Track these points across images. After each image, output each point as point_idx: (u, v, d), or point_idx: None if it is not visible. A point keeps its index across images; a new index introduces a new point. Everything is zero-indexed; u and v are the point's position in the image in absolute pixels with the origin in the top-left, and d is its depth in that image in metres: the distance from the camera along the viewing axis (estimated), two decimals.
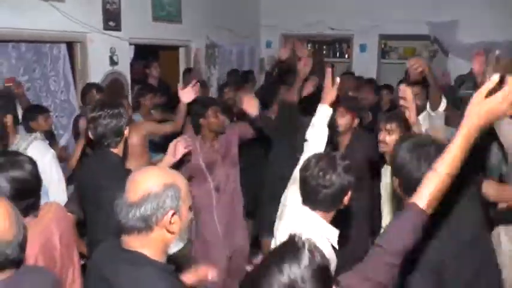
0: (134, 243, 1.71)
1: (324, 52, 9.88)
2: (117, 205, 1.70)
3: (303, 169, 2.40)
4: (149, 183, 1.69)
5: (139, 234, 1.69)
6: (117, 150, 2.93)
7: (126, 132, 2.93)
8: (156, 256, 1.72)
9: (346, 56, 9.69)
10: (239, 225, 4.42)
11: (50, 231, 2.34)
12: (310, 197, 2.37)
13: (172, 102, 5.49)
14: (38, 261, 2.20)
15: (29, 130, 4.22)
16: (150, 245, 1.71)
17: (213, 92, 7.59)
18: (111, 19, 5.91)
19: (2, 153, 2.41)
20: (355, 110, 4.03)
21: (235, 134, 4.36)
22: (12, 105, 3.54)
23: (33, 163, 2.30)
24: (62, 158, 4.53)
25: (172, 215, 1.69)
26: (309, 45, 9.49)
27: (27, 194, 2.22)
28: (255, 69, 9.03)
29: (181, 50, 7.71)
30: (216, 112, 4.15)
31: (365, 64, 8.90)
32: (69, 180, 3.96)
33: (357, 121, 4.05)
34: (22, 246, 1.73)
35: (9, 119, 3.39)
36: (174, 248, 4.17)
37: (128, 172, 2.07)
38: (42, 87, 5.57)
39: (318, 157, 2.39)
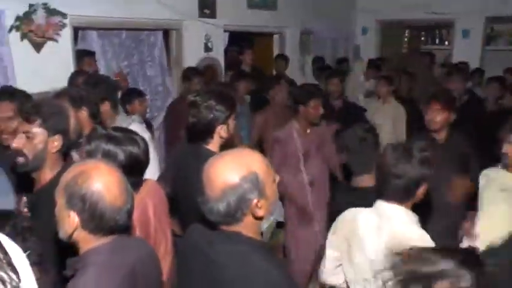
0: (227, 228, 1.68)
1: (422, 39, 9.32)
2: (201, 202, 1.66)
3: (380, 156, 2.34)
4: (225, 178, 1.61)
5: (229, 226, 1.66)
6: (212, 146, 2.80)
7: (220, 130, 2.77)
8: (249, 235, 1.69)
9: (446, 42, 9.07)
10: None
11: (145, 205, 2.38)
12: (381, 186, 2.28)
13: (264, 88, 5.39)
14: (134, 234, 2.23)
15: (128, 112, 4.32)
16: (242, 229, 1.67)
17: (307, 81, 7.35)
18: (207, 7, 5.87)
19: (120, 129, 2.45)
20: (451, 106, 3.66)
21: (330, 134, 4.15)
22: (111, 90, 3.59)
23: (145, 143, 2.35)
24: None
25: (257, 202, 1.62)
26: (406, 31, 9.00)
27: (136, 171, 2.28)
28: (349, 56, 8.70)
29: (276, 37, 7.57)
30: (318, 104, 3.98)
31: (467, 51, 8.16)
32: None
33: (453, 116, 3.66)
34: (130, 213, 1.75)
35: (106, 105, 3.43)
36: (265, 224, 4.05)
37: None
38: (139, 72, 5.69)
39: (395, 146, 2.28)
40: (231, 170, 1.62)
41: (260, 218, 1.67)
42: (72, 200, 1.64)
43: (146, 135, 3.59)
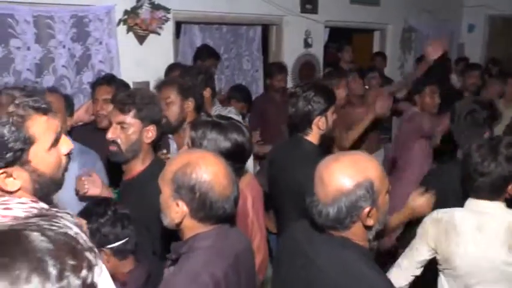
0: (334, 232, 1.60)
1: None
2: (309, 203, 1.60)
3: (465, 154, 2.29)
4: (339, 182, 1.52)
5: (335, 231, 1.58)
6: (312, 138, 2.70)
7: (318, 121, 2.65)
8: (357, 242, 1.60)
9: None
10: None
11: (244, 197, 2.30)
12: (468, 184, 2.22)
13: (331, 81, 5.09)
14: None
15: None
16: (349, 235, 1.58)
17: None
18: (309, 2, 5.64)
19: (224, 117, 2.36)
20: None
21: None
22: (211, 79, 3.55)
23: (249, 131, 2.28)
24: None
25: (369, 211, 1.53)
26: None
27: (240, 159, 2.21)
28: (452, 55, 8.08)
29: (376, 34, 7.17)
30: (433, 92, 3.86)
31: None
32: None
33: None
34: (236, 202, 1.72)
35: (207, 92, 3.38)
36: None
37: None
38: (236, 66, 5.62)
39: (480, 144, 2.20)
40: (346, 175, 1.53)
41: (369, 228, 1.58)
42: (181, 190, 1.60)
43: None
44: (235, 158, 2.12)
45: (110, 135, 2.30)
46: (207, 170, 1.61)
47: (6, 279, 0.70)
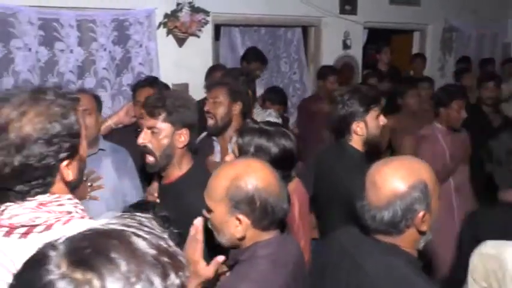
0: (383, 238, 1.57)
1: None
2: (360, 207, 1.57)
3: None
4: (393, 185, 1.50)
5: (386, 236, 1.55)
6: (354, 143, 2.62)
7: (356, 126, 2.58)
8: (406, 249, 1.57)
9: None
10: None
11: (292, 201, 2.26)
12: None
13: (400, 88, 4.98)
14: None
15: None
16: (400, 241, 1.55)
17: (447, 82, 6.71)
18: (348, 3, 5.54)
19: (270, 123, 2.34)
20: None
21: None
22: (252, 82, 3.54)
23: (295, 136, 2.26)
24: None
25: (424, 215, 1.50)
26: None
27: (288, 165, 2.19)
28: (497, 57, 7.79)
29: (416, 34, 6.97)
30: (460, 106, 3.61)
31: None
32: None
33: None
34: (289, 200, 1.71)
35: (249, 93, 3.33)
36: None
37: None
38: (274, 68, 5.56)
39: None
40: (399, 177, 1.50)
41: (422, 233, 1.54)
42: (239, 204, 1.55)
43: None
44: (283, 164, 2.10)
45: (140, 140, 2.22)
46: (259, 177, 1.57)
47: (120, 279, 0.71)
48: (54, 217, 1.21)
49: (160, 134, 2.17)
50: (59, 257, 0.72)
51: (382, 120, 2.63)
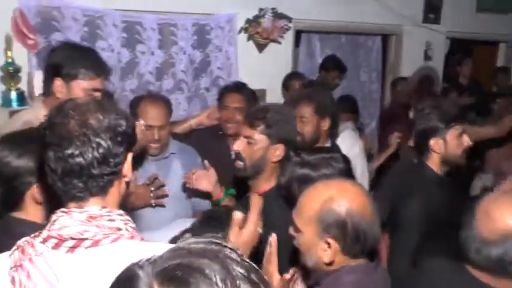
0: (482, 276, 1.45)
1: None
2: (465, 236, 1.47)
3: None
4: (509, 220, 1.38)
5: (487, 275, 1.43)
6: (431, 163, 2.45)
7: (435, 143, 2.40)
8: None
9: None
10: None
11: None
12: None
13: (482, 104, 4.68)
14: None
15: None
16: (500, 285, 1.43)
17: None
18: (432, 11, 5.23)
19: (317, 150, 2.31)
20: None
21: None
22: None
23: (347, 161, 2.16)
24: (367, 148, 4.30)
25: None
26: None
27: None
28: None
29: (502, 46, 6.50)
30: None
31: None
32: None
33: None
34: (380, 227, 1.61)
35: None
36: None
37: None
38: (353, 77, 5.35)
39: None
40: None
41: None
42: (330, 228, 1.47)
43: (357, 144, 3.34)
44: None
45: (235, 146, 2.23)
46: (353, 201, 1.48)
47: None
48: (103, 233, 1.14)
49: (255, 145, 2.17)
50: (149, 276, 0.71)
51: (466, 141, 2.42)
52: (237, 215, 1.57)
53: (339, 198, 1.47)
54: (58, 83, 2.09)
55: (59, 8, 3.52)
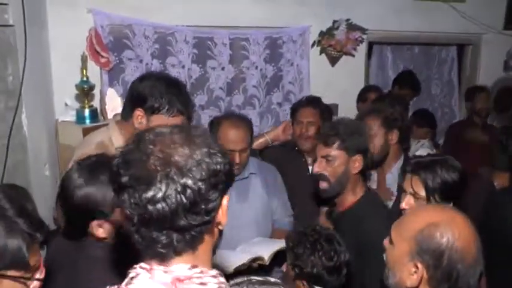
0: None
1: None
2: None
3: None
4: None
5: None
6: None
7: None
8: None
9: None
10: None
11: None
12: None
13: None
14: None
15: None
16: None
17: None
18: None
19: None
20: None
21: None
22: (406, 111, 3.33)
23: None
24: None
25: None
26: None
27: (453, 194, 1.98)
28: None
29: None
30: None
31: None
32: None
33: None
34: (481, 276, 1.46)
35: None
36: None
37: None
38: (424, 89, 4.94)
39: None
40: None
41: None
42: (424, 254, 1.35)
43: None
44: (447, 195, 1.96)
45: (316, 169, 2.23)
46: (460, 237, 1.34)
47: None
48: None
49: (335, 162, 2.18)
50: None
51: None
52: None
53: (445, 228, 1.35)
54: (139, 113, 1.98)
55: (130, 26, 3.45)
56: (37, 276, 1.25)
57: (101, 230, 1.49)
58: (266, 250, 2.27)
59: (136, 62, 3.53)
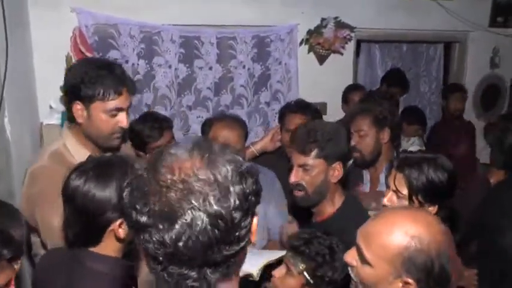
0: None
1: None
2: None
3: None
4: None
5: None
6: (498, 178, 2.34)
7: None
8: None
9: None
10: None
11: None
12: None
13: None
14: None
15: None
16: None
17: None
18: (501, 13, 4.77)
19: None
20: None
21: None
22: (396, 106, 3.34)
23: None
24: None
25: None
26: None
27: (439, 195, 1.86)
28: None
29: None
30: None
31: None
32: None
33: None
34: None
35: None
36: None
37: None
38: (413, 87, 4.94)
39: None
40: None
41: None
42: (414, 269, 1.27)
43: None
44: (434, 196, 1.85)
45: (292, 178, 2.07)
46: (441, 240, 1.29)
47: None
48: None
49: (313, 171, 2.03)
50: None
51: None
52: None
53: (427, 236, 1.27)
54: (77, 106, 1.84)
55: (115, 25, 3.39)
56: None
57: (121, 230, 1.41)
58: (255, 264, 2.06)
59: (122, 62, 3.46)
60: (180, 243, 0.78)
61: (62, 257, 1.48)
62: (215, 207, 0.79)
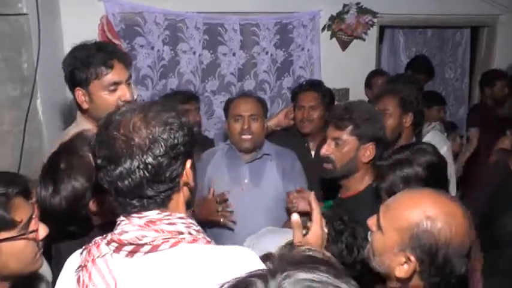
0: None
1: None
2: None
3: None
4: None
5: None
6: None
7: None
8: None
9: None
10: None
11: None
12: None
13: None
14: None
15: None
16: None
17: None
18: None
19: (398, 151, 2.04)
20: None
21: None
22: (420, 91, 3.26)
23: (432, 147, 1.99)
24: (456, 151, 4.01)
25: None
26: None
27: (441, 178, 1.92)
28: None
29: None
30: None
31: None
32: None
33: None
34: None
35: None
36: None
37: None
38: (438, 74, 4.89)
39: None
40: None
41: None
42: (418, 248, 1.28)
43: (445, 146, 3.04)
44: (435, 180, 1.83)
45: (323, 151, 2.14)
46: (457, 233, 1.27)
47: None
48: (162, 237, 1.09)
49: (344, 147, 2.09)
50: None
51: None
52: (294, 217, 1.36)
53: (443, 224, 1.26)
54: (79, 92, 1.90)
55: (141, 13, 3.53)
56: (31, 228, 1.31)
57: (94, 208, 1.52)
58: (275, 245, 2.15)
59: (148, 49, 3.62)
60: (121, 181, 1.08)
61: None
62: (145, 155, 1.06)
